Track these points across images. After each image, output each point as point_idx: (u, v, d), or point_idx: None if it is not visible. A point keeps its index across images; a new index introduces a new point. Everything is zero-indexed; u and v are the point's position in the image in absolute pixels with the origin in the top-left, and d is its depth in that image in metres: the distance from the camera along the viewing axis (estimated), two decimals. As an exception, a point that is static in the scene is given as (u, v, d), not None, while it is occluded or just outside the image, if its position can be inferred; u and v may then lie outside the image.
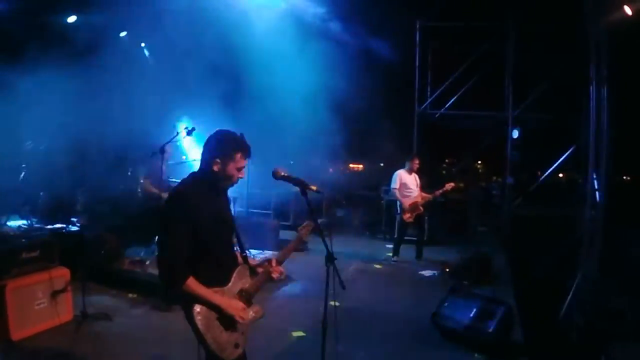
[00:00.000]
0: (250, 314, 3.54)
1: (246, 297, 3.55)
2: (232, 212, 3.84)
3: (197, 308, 3.25)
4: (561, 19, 10.95)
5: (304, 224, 3.88)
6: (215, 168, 3.43)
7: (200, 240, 3.33)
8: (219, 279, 3.44)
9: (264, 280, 3.69)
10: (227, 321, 3.37)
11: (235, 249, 3.75)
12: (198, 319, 3.24)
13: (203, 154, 3.51)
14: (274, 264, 3.73)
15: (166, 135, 8.94)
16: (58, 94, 8.57)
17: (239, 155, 3.46)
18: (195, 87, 10.91)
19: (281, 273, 3.75)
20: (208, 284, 3.32)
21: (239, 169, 3.49)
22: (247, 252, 3.89)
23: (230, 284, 3.49)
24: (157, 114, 8.89)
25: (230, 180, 3.51)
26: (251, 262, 3.80)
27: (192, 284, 3.24)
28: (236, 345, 3.45)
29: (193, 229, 3.28)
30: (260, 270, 3.75)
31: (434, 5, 13.14)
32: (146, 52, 10.81)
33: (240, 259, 3.71)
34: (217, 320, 3.32)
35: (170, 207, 3.39)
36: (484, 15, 12.96)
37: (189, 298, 3.27)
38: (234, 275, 3.54)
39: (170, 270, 3.24)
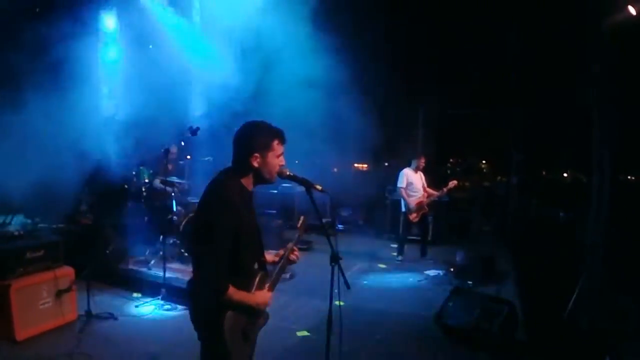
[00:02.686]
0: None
1: None
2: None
3: (228, 322, 3.12)
4: (564, 17, 10.93)
5: (300, 221, 3.86)
6: (256, 164, 3.27)
7: (236, 247, 3.16)
8: (244, 287, 3.27)
9: (281, 272, 3.61)
10: (248, 332, 3.30)
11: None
12: (227, 333, 3.11)
13: (237, 153, 3.32)
14: (293, 247, 3.70)
15: (171, 134, 8.97)
16: (61, 92, 8.58)
17: (276, 143, 3.32)
18: (197, 86, 10.94)
19: (297, 257, 3.73)
20: None
21: (279, 156, 3.36)
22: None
23: (253, 292, 3.33)
24: (162, 113, 8.88)
25: (273, 172, 3.36)
26: (272, 258, 3.75)
27: (232, 291, 3.11)
28: (250, 358, 3.44)
29: (233, 235, 3.12)
30: (278, 257, 3.69)
31: (437, 3, 13.12)
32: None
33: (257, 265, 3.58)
34: (241, 334, 3.23)
35: (215, 212, 3.13)
36: (487, 13, 12.94)
37: (222, 308, 3.12)
38: (256, 283, 3.38)
39: (216, 281, 3.06)
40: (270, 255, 3.73)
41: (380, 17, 12.24)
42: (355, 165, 19.95)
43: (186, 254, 8.75)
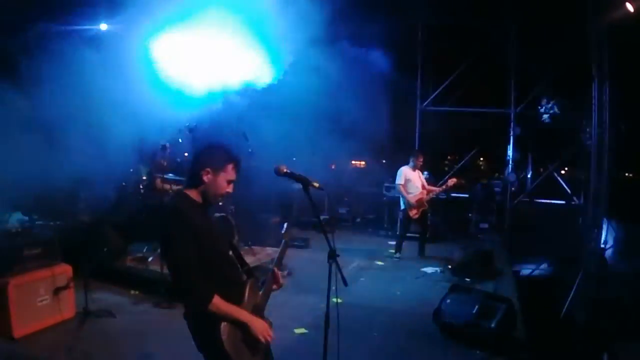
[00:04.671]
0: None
1: (259, 311, 3.44)
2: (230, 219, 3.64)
3: (224, 330, 3.09)
4: (563, 16, 10.93)
5: (285, 229, 3.82)
6: (205, 179, 3.30)
7: (204, 257, 3.16)
8: (233, 297, 3.24)
9: (271, 289, 3.63)
10: (251, 341, 3.24)
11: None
12: (226, 342, 3.07)
13: (193, 165, 3.39)
14: (277, 272, 3.66)
15: (169, 133, 8.96)
16: (59, 91, 8.56)
17: (230, 167, 3.36)
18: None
19: (282, 280, 3.72)
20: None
21: (229, 182, 3.38)
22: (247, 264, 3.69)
23: (245, 300, 3.33)
24: (161, 112, 8.86)
25: (218, 193, 3.37)
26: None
27: (218, 301, 3.08)
28: None
29: (195, 245, 3.12)
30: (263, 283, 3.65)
31: (437, 2, 13.12)
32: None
33: (244, 275, 3.56)
34: (242, 342, 3.20)
35: (168, 225, 3.17)
36: (486, 12, 12.95)
37: (214, 318, 3.09)
38: (247, 291, 3.37)
39: (196, 292, 3.07)
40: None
41: (380, 13, 12.23)
42: (353, 162, 19.95)
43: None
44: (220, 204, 3.30)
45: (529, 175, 15.95)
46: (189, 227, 3.13)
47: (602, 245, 8.29)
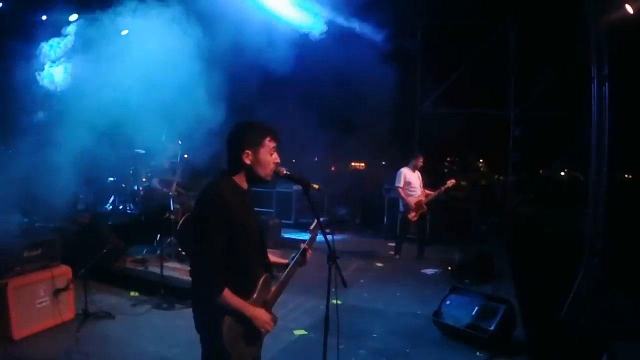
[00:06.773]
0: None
1: (268, 307, 3.41)
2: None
3: (227, 325, 3.09)
4: (562, 17, 10.94)
5: (313, 224, 3.79)
6: (247, 161, 3.24)
7: (232, 247, 3.13)
8: (245, 289, 3.23)
9: (288, 279, 3.62)
10: (251, 335, 3.25)
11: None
12: (226, 336, 3.08)
13: (229, 151, 3.30)
14: (308, 250, 3.68)
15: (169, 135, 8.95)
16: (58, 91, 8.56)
17: (267, 139, 3.29)
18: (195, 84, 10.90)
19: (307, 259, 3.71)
20: (235, 293, 3.13)
21: (272, 153, 3.33)
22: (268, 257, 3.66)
23: (255, 295, 3.30)
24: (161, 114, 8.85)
25: (267, 169, 3.31)
26: (279, 260, 3.73)
27: (228, 295, 3.07)
28: (254, 359, 3.40)
29: (228, 233, 3.10)
30: (282, 259, 3.68)
31: (436, 3, 13.13)
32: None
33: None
34: (242, 336, 3.19)
35: (207, 210, 3.14)
36: (486, 13, 12.96)
37: (220, 310, 3.09)
38: (260, 285, 3.34)
39: (210, 281, 3.05)
40: (274, 257, 3.71)
41: (379, 14, 12.23)
42: (353, 163, 19.97)
43: (183, 253, 8.73)
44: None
45: (528, 177, 15.97)
46: (227, 216, 3.10)
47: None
